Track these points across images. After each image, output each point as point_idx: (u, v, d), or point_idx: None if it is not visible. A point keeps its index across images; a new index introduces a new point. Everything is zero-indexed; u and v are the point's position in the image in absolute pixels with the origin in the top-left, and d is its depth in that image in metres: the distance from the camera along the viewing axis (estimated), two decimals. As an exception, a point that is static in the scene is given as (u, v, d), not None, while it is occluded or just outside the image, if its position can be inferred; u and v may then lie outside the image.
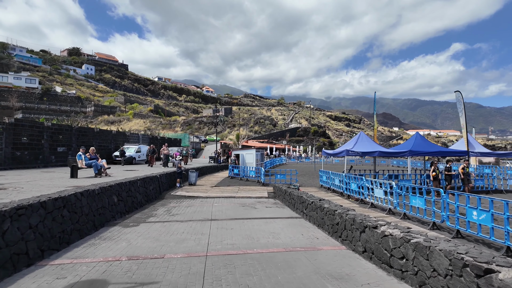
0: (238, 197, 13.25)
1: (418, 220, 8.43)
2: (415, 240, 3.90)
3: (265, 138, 67.83)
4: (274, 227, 7.42)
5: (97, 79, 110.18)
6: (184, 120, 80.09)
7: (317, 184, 17.82)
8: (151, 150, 21.80)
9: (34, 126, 16.63)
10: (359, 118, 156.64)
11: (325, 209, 6.95)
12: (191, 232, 6.82)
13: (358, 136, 14.81)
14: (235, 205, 11.07)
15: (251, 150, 24.14)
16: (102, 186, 7.79)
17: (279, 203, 11.78)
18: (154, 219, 8.41)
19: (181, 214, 9.13)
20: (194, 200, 12.40)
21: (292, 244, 5.96)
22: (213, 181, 18.91)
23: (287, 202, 10.94)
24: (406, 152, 13.86)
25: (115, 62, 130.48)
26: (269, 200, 12.79)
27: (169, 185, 15.31)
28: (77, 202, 6.30)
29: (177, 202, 11.67)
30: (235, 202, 12.00)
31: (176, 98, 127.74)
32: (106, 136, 24.09)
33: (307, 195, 9.21)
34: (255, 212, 9.70)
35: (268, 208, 10.58)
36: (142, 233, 6.74)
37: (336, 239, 6.25)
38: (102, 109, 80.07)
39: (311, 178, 21.24)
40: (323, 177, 15.78)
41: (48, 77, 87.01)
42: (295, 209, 9.73)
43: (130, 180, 9.98)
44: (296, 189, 12.00)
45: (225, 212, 9.54)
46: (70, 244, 5.71)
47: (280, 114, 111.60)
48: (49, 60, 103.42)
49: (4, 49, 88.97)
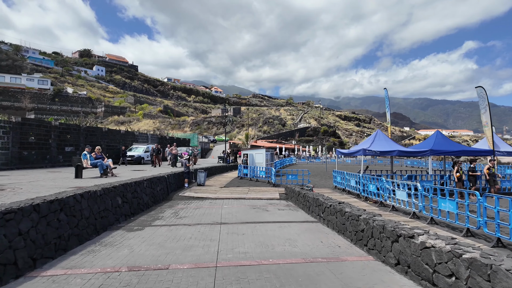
0: (249, 199, 12.66)
1: (447, 225, 7.67)
2: (468, 255, 3.21)
3: (274, 138, 67.12)
4: (290, 233, 6.78)
5: (107, 80, 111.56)
6: (193, 120, 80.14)
7: (330, 185, 17.07)
8: (155, 150, 20.53)
9: (42, 125, 16.42)
10: (369, 117, 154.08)
11: (346, 213, 6.27)
12: (199, 238, 6.25)
13: (375, 135, 14.02)
14: (245, 207, 10.47)
15: (261, 150, 23.55)
16: (105, 187, 7.30)
17: (292, 205, 11.12)
18: (160, 222, 7.88)
19: (189, 217, 8.58)
20: (203, 201, 11.87)
21: (311, 253, 5.31)
22: (222, 181, 18.39)
23: (301, 205, 10.28)
24: (427, 151, 13.00)
25: (125, 63, 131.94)
26: (281, 201, 12.14)
27: (177, 185, 14.83)
28: (76, 205, 5.80)
29: (185, 204, 11.15)
30: (245, 203, 11.41)
31: (185, 99, 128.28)
32: (114, 135, 23.87)
33: (323, 197, 8.54)
34: (267, 215, 9.08)
35: (280, 210, 9.95)
36: (146, 238, 6.20)
37: (361, 247, 5.57)
38: (112, 110, 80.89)
39: (323, 179, 20.47)
40: (337, 178, 15.04)
41: (60, 78, 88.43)
42: (310, 212, 9.06)
43: (136, 181, 9.50)
44: (309, 190, 11.33)
45: (235, 215, 8.96)
46: (68, 251, 5.21)
47: (289, 114, 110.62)
48: (61, 61, 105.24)
49: (17, 51, 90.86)
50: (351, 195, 13.17)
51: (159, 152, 20.72)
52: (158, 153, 20.61)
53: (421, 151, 13.09)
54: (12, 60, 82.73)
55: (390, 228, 4.58)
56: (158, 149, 20.58)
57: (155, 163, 20.20)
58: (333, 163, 43.95)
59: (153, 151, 20.68)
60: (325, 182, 18.55)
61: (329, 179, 20.70)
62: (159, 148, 20.91)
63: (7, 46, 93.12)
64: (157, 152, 20.48)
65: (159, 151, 20.64)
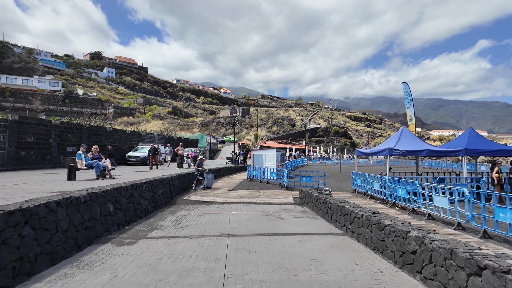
0: (260, 203, 11.42)
1: (504, 239, 6.26)
2: None
3: (284, 138, 65.73)
4: (313, 250, 5.50)
5: (117, 82, 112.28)
6: (201, 121, 79.52)
7: (347, 188, 15.68)
8: (151, 150, 18.29)
9: (41, 124, 15.59)
10: (380, 118, 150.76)
11: (387, 228, 4.96)
12: (202, 257, 5.04)
13: (401, 133, 12.58)
14: (256, 214, 9.23)
15: (271, 150, 22.27)
16: (93, 192, 6.18)
17: (309, 212, 9.82)
18: (158, 233, 6.72)
19: (192, 226, 7.40)
20: (209, 206, 10.69)
21: (348, 282, 4.02)
22: (231, 183, 17.20)
23: (320, 212, 8.97)
24: (460, 151, 11.50)
25: (135, 65, 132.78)
26: (296, 207, 10.85)
27: (182, 188, 13.72)
28: (50, 215, 4.68)
29: (189, 209, 9.99)
30: (256, 209, 10.18)
31: (194, 100, 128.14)
32: (119, 135, 23.02)
33: (350, 204, 7.22)
34: (282, 224, 7.82)
35: (297, 218, 8.66)
36: (137, 256, 5.03)
37: (411, 274, 4.25)
38: (121, 111, 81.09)
39: (339, 181, 19.05)
40: (357, 181, 13.64)
41: (71, 80, 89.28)
42: (333, 221, 7.74)
43: (133, 184, 8.39)
44: (328, 194, 10.01)
45: (245, 224, 7.73)
46: (33, 276, 4.08)
47: (298, 115, 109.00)
48: (72, 64, 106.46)
49: (30, 54, 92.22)
50: (374, 200, 11.78)
51: (156, 152, 18.56)
52: (155, 154, 18.44)
53: (454, 150, 11.59)
54: (24, 62, 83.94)
55: (464, 255, 3.26)
56: (154, 149, 18.50)
57: (151, 164, 18.09)
58: (346, 164, 42.28)
59: (149, 151, 18.61)
60: (342, 185, 17.15)
61: (345, 182, 19.27)
62: (156, 148, 18.84)
63: (20, 49, 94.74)
64: (153, 152, 18.33)
65: (156, 151, 18.53)
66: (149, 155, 18.22)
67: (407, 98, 15.08)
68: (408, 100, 14.94)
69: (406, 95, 15.03)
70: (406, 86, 15.07)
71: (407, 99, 14.99)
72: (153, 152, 18.18)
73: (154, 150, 18.23)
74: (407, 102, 15.04)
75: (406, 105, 15.14)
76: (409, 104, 14.85)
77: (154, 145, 18.59)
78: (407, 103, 15.10)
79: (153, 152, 18.18)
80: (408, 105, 14.93)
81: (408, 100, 14.97)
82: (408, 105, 14.97)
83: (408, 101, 14.95)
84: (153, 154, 18.12)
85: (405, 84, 15.21)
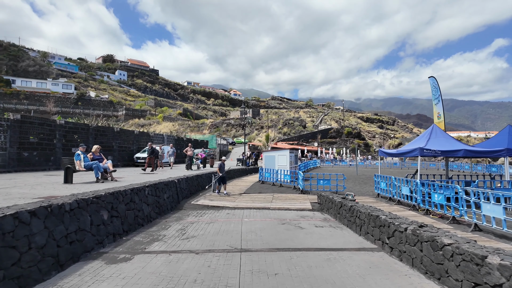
0: (274, 209, 10.36)
1: None
2: None
3: (295, 139, 64.38)
4: (348, 273, 4.39)
5: (129, 84, 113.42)
6: (212, 122, 79.05)
7: (369, 192, 14.43)
8: (149, 150, 16.02)
9: (45, 124, 14.99)
10: (392, 119, 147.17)
11: (446, 248, 3.82)
12: (209, 283, 4.01)
13: (431, 131, 11.28)
14: (272, 222, 8.17)
15: (284, 151, 21.17)
16: (82, 198, 5.26)
17: (331, 220, 8.69)
18: (158, 246, 5.75)
19: (198, 237, 6.40)
20: (219, 212, 9.69)
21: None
22: (242, 186, 16.19)
23: (346, 221, 7.82)
24: (502, 151, 10.13)
25: (146, 68, 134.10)
26: (315, 214, 9.73)
27: (190, 191, 12.78)
28: (20, 229, 3.76)
29: (197, 215, 9.02)
30: (271, 216, 9.12)
31: (204, 102, 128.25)
32: (127, 136, 22.37)
33: (385, 213, 6.07)
34: (303, 235, 6.73)
35: (319, 228, 7.55)
36: (128, 280, 4.05)
37: (493, 316, 3.11)
38: (133, 113, 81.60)
39: (357, 184, 17.76)
40: (381, 184, 12.39)
41: (83, 83, 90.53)
42: (362, 233, 6.60)
43: (133, 188, 7.46)
44: (353, 200, 8.84)
45: (260, 235, 6.67)
46: (-10, 310, 3.15)
47: (308, 116, 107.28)
48: (85, 67, 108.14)
49: (44, 57, 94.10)
50: (403, 205, 10.53)
51: (154, 152, 16.13)
52: (153, 154, 15.99)
53: (495, 150, 10.22)
54: (39, 66, 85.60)
55: None
56: (152, 149, 16.03)
57: (146, 166, 15.82)
58: (361, 166, 40.65)
59: (148, 151, 16.25)
60: (361, 188, 15.89)
61: (364, 185, 17.96)
62: (154, 148, 16.42)
63: (35, 53, 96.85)
64: (151, 152, 15.91)
65: (153, 151, 16.03)
66: (147, 156, 16.15)
67: (434, 94, 13.75)
68: (436, 95, 13.61)
69: (434, 90, 13.70)
70: (434, 80, 13.75)
71: (435, 94, 13.67)
72: (149, 153, 16.03)
73: (152, 151, 16.04)
74: (435, 98, 13.71)
75: (434, 101, 13.81)
76: (437, 100, 13.54)
77: (152, 145, 16.36)
78: (434, 99, 13.78)
79: (149, 153, 16.03)
80: (436, 101, 13.62)
81: (436, 95, 13.65)
82: (436, 101, 13.65)
83: (436, 96, 13.63)
84: (150, 155, 15.95)
85: (432, 78, 13.89)
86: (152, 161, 15.97)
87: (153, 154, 16.04)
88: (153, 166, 16.11)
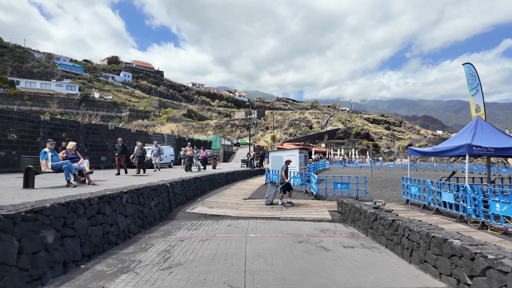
0: (285, 219, 8.52)
1: None
2: None
3: (302, 140, 62.39)
4: None
5: (134, 85, 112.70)
6: (216, 123, 77.54)
7: (394, 197, 12.50)
8: (117, 148, 12.85)
9: (27, 119, 13.40)
10: (399, 120, 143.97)
11: None
12: None
13: (475, 124, 9.31)
14: (285, 239, 6.33)
15: (293, 151, 19.30)
16: (6, 214, 3.49)
17: (360, 236, 6.81)
18: (123, 283, 3.95)
19: (185, 266, 4.59)
20: (218, 223, 7.88)
21: None
22: (246, 190, 14.36)
23: (382, 238, 5.93)
24: None
25: (151, 69, 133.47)
26: (337, 226, 7.85)
27: (187, 196, 10.99)
28: None
29: (190, 228, 7.22)
30: (282, 229, 7.27)
31: (209, 103, 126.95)
32: (123, 135, 20.74)
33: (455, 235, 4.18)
34: (330, 262, 4.87)
35: (349, 249, 5.68)
36: None
37: None
38: (137, 114, 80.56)
39: (377, 188, 15.79)
40: (412, 189, 10.45)
41: (88, 84, 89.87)
42: (415, 259, 4.70)
43: (103, 195, 5.68)
44: (389, 211, 6.93)
45: (271, 262, 4.84)
46: None
47: (314, 118, 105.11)
48: (90, 68, 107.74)
49: (49, 59, 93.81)
50: (444, 216, 8.59)
51: (125, 151, 12.99)
52: (123, 153, 12.90)
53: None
54: (43, 67, 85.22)
55: None
56: (123, 146, 12.85)
57: (118, 168, 12.96)
58: (373, 167, 38.44)
59: (115, 149, 13.15)
60: (382, 193, 13.96)
61: (384, 189, 15.98)
62: (124, 144, 13.14)
63: (40, 54, 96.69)
64: (121, 151, 12.76)
65: (124, 150, 12.85)
66: (116, 154, 12.98)
67: (471, 83, 11.77)
68: (474, 85, 11.63)
69: (471, 79, 11.72)
70: (471, 67, 11.78)
71: (472, 84, 11.69)
72: (120, 151, 12.70)
73: (122, 149, 12.80)
74: (473, 88, 11.72)
75: (471, 91, 11.83)
76: (475, 90, 11.55)
77: (122, 140, 13.13)
78: (472, 89, 11.79)
79: (120, 151, 12.70)
80: (474, 92, 11.63)
81: (473, 85, 11.66)
82: (474, 92, 11.66)
83: (474, 86, 11.64)
84: (119, 154, 12.69)
85: (469, 65, 11.93)
86: (122, 161, 12.84)
87: (124, 153, 12.92)
88: (125, 167, 13.18)
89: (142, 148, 13.76)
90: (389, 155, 68.18)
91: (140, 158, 13.45)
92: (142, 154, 13.56)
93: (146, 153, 15.36)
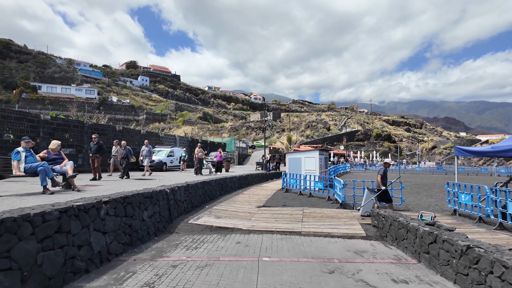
0: (308, 234, 6.91)
1: None
2: None
3: (319, 142, 60.19)
4: None
5: (151, 89, 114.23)
6: (231, 125, 76.62)
7: (433, 205, 10.59)
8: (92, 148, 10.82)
9: (25, 119, 12.53)
10: (420, 122, 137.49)
11: None
12: None
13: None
14: (309, 266, 4.75)
15: (312, 153, 17.58)
16: None
17: (409, 262, 5.10)
18: None
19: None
20: (225, 239, 6.39)
21: None
22: (261, 196, 12.80)
23: (448, 270, 4.23)
24: None
25: (168, 73, 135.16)
26: (376, 246, 6.15)
27: (192, 204, 9.59)
28: None
29: (189, 247, 5.77)
30: (305, 250, 5.69)
31: (225, 106, 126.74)
32: (132, 136, 19.78)
33: None
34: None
35: (401, 285, 4.04)
36: None
37: None
38: (153, 117, 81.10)
39: (410, 194, 13.85)
40: (462, 197, 8.56)
41: (106, 88, 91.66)
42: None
43: (70, 206, 4.32)
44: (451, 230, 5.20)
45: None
46: None
47: (331, 119, 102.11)
48: (109, 73, 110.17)
49: (70, 64, 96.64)
50: (509, 232, 6.70)
51: (100, 150, 10.86)
52: (99, 153, 10.77)
53: None
54: (64, 72, 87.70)
55: None
56: (98, 145, 10.83)
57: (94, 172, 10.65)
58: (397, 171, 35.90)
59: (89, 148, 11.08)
60: (417, 200, 12.05)
61: (418, 195, 13.99)
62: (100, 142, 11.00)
63: (62, 60, 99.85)
64: (95, 151, 10.72)
65: (100, 149, 10.82)
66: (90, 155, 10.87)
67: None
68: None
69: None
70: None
71: None
72: (94, 151, 10.70)
73: (98, 148, 10.78)
74: None
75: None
76: None
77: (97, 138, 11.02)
78: None
79: (94, 151, 10.70)
80: None
81: None
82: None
83: None
84: (94, 154, 10.67)
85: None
86: (96, 163, 10.58)
87: (99, 153, 10.77)
88: (99, 171, 10.72)
89: (126, 147, 12.16)
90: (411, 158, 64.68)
91: (123, 160, 12.19)
92: (126, 155, 12.23)
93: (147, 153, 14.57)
